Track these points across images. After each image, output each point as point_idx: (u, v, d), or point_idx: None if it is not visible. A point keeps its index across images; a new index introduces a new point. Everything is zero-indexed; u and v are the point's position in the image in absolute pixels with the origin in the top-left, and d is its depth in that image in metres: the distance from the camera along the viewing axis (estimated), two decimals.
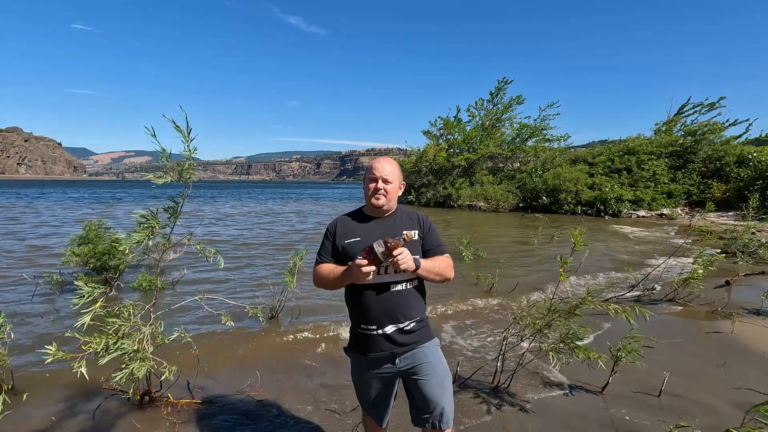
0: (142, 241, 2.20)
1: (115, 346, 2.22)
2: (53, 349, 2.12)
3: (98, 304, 2.23)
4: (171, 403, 2.85)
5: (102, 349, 2.20)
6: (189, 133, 2.12)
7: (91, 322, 2.25)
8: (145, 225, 2.20)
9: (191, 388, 3.09)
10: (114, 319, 2.32)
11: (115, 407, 2.81)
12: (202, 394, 3.06)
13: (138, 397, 2.82)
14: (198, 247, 2.45)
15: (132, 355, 2.32)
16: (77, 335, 2.20)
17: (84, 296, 2.19)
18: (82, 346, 2.19)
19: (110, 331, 2.29)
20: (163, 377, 2.47)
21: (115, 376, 2.23)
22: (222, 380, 3.29)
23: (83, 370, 2.11)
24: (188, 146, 2.14)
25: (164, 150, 2.08)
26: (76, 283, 2.28)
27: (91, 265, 5.56)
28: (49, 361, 2.10)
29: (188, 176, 2.22)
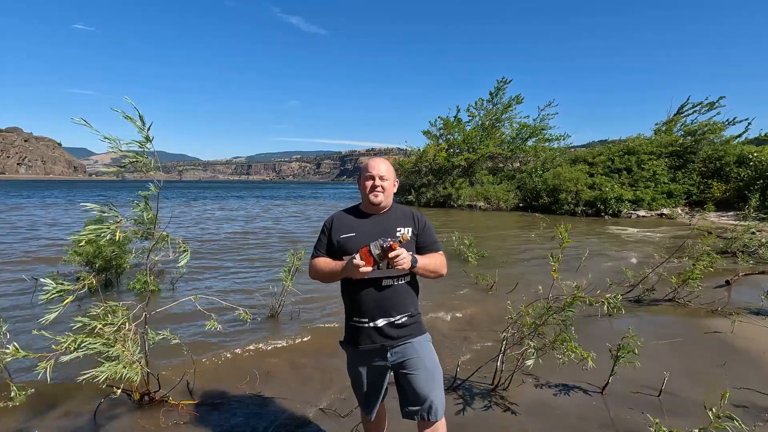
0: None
1: (82, 345, 2.14)
2: (11, 348, 2.06)
3: (67, 301, 2.16)
4: (170, 403, 2.85)
5: (73, 348, 2.13)
6: (144, 123, 2.09)
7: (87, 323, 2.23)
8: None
9: (190, 389, 3.09)
10: (82, 318, 2.26)
11: (114, 407, 2.80)
12: (201, 394, 3.05)
13: (137, 397, 2.82)
14: (178, 242, 2.44)
15: (107, 354, 2.26)
16: (45, 333, 2.13)
17: (50, 292, 2.10)
18: (53, 346, 2.14)
19: (85, 331, 2.22)
20: (137, 377, 2.39)
21: (84, 374, 2.13)
22: (221, 380, 3.28)
23: (48, 372, 2.03)
24: (146, 134, 2.10)
25: (114, 140, 2.06)
26: (42, 279, 2.18)
27: (97, 265, 5.56)
28: (8, 360, 2.03)
29: (144, 169, 2.20)
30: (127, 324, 2.44)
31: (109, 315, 2.36)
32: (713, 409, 2.01)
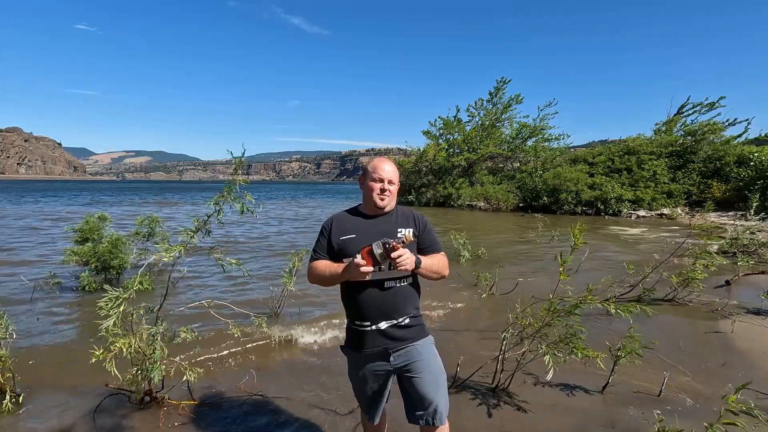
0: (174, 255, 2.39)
1: (132, 348, 2.34)
2: (98, 351, 2.28)
3: (122, 307, 2.30)
4: (171, 403, 2.85)
5: (126, 349, 2.31)
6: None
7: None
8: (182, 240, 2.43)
9: (191, 389, 3.09)
10: (107, 319, 2.37)
11: (115, 407, 2.81)
12: (202, 394, 3.06)
13: (139, 396, 2.82)
14: (217, 258, 2.56)
15: (149, 356, 2.41)
16: (107, 335, 2.31)
17: (111, 299, 2.29)
18: (111, 347, 2.29)
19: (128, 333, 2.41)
20: (180, 378, 2.60)
21: (128, 375, 2.41)
22: (221, 380, 3.29)
23: (114, 368, 2.26)
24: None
25: None
26: (104, 287, 2.41)
27: (93, 265, 5.53)
28: (93, 361, 2.25)
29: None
30: (140, 320, 2.56)
31: (138, 317, 2.56)
32: (728, 400, 1.94)
